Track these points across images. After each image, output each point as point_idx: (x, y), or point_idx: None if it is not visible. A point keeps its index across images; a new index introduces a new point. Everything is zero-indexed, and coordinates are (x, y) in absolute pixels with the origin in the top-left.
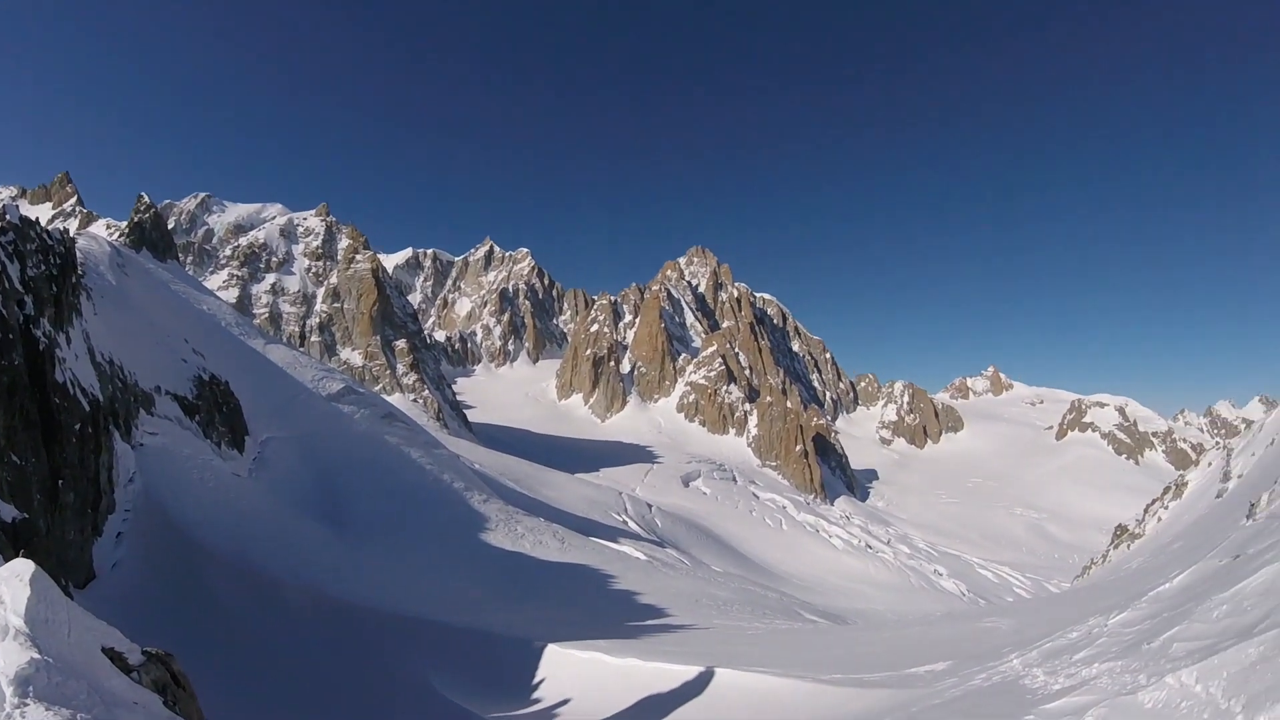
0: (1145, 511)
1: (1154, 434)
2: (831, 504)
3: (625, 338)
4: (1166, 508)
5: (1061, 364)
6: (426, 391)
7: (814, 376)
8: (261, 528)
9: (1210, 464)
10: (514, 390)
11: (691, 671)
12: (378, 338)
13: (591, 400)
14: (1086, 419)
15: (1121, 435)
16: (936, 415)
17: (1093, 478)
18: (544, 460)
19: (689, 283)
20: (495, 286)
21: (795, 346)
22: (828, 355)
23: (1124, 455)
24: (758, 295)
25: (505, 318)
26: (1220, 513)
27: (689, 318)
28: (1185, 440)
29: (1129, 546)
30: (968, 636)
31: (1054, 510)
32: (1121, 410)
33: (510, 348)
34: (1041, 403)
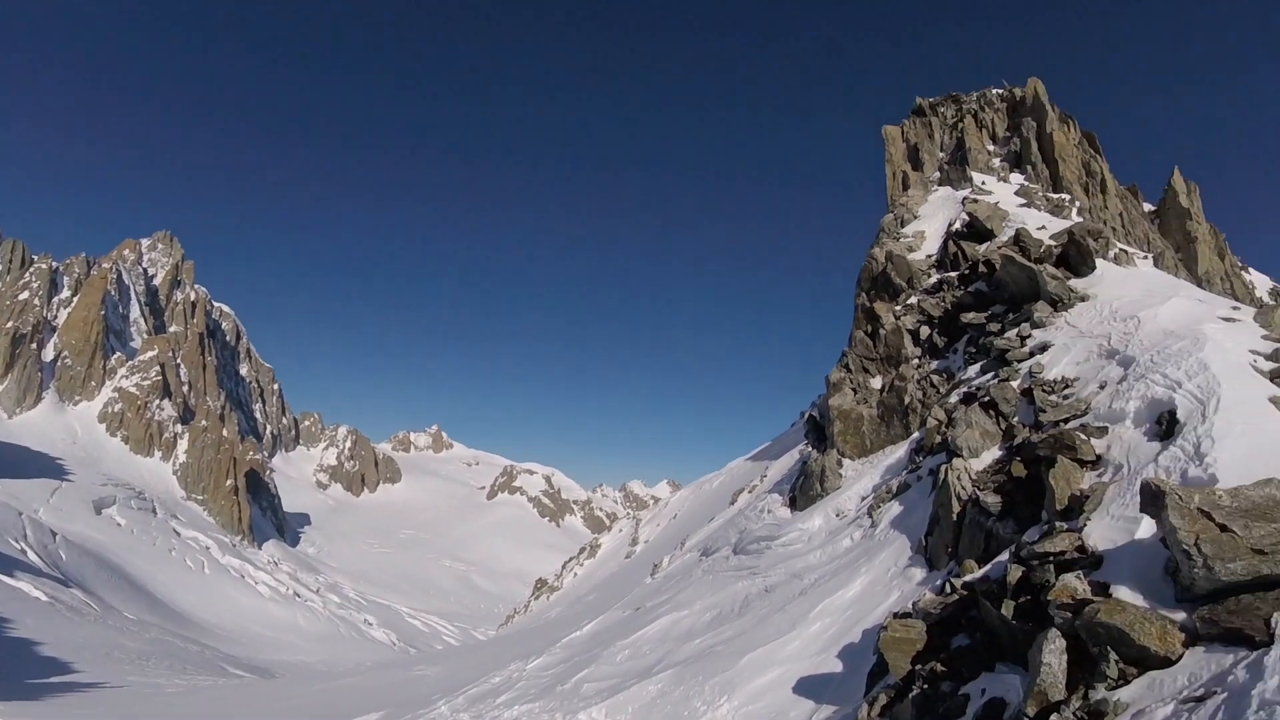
0: (564, 568)
1: (575, 502)
2: (259, 548)
3: (57, 317)
4: (582, 565)
5: (499, 431)
6: None
7: (257, 406)
8: None
9: (621, 530)
10: None
11: None
12: None
13: (1, 387)
14: (516, 483)
15: (546, 500)
16: (376, 465)
17: (518, 535)
18: None
19: (145, 270)
20: None
21: (244, 370)
22: (275, 386)
23: (547, 518)
24: (216, 304)
25: None
26: (628, 571)
27: (135, 311)
28: (602, 509)
29: (549, 598)
30: (398, 685)
31: (481, 563)
32: (548, 479)
33: None
34: (477, 464)
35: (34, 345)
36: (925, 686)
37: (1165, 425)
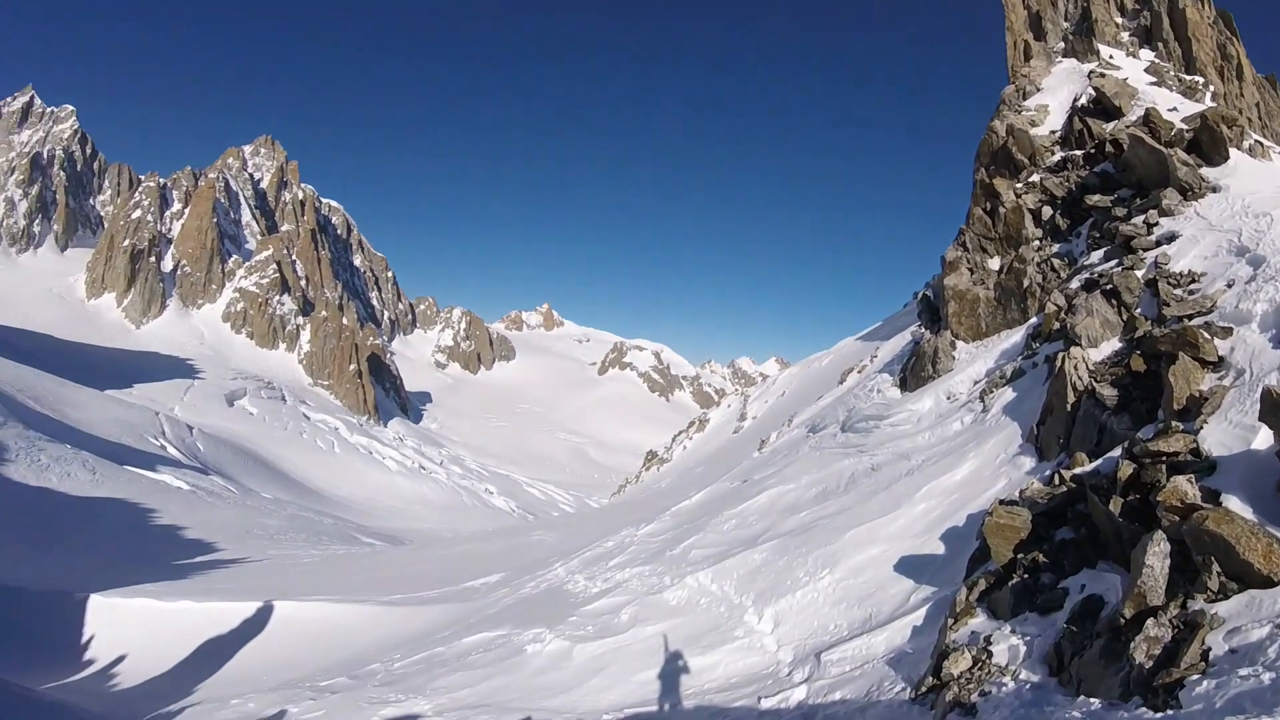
0: (673, 440)
1: (684, 377)
2: (385, 426)
3: (171, 229)
4: (691, 439)
5: (609, 309)
6: None
7: (373, 294)
8: None
9: (730, 406)
10: (36, 283)
11: (249, 608)
12: None
13: (126, 301)
14: (626, 359)
15: (655, 376)
16: (491, 344)
17: (629, 410)
18: (68, 373)
19: (250, 175)
20: (28, 149)
21: (357, 261)
22: (389, 274)
23: (656, 393)
24: (324, 201)
25: (35, 190)
26: (735, 445)
27: (246, 215)
28: (710, 385)
29: (658, 469)
30: (518, 549)
31: (594, 436)
32: (657, 355)
33: (36, 229)
34: (588, 341)
35: (152, 259)
36: (1025, 576)
37: None
